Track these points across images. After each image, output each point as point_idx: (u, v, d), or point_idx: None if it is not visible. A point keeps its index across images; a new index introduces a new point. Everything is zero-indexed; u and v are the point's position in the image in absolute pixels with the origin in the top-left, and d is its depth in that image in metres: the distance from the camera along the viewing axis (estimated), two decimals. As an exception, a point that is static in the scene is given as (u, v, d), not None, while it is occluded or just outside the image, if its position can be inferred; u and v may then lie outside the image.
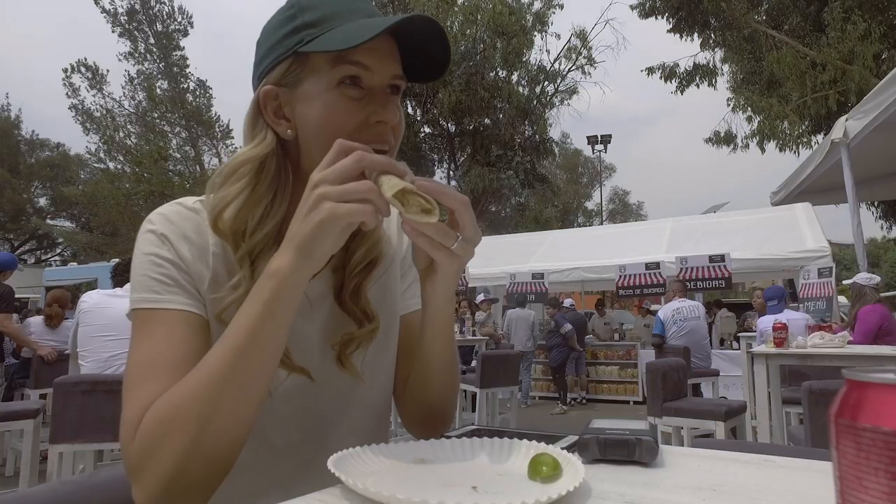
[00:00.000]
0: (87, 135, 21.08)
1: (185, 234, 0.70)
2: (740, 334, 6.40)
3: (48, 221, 29.47)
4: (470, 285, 9.34)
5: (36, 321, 5.08)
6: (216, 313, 0.68)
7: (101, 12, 20.93)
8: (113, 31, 21.33)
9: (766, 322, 4.57)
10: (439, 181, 0.63)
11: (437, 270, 0.68)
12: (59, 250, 30.95)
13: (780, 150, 12.21)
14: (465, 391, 5.74)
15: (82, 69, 21.13)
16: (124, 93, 21.30)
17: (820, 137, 12.76)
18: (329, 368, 0.76)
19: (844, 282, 5.26)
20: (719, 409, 3.25)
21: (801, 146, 12.05)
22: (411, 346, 0.83)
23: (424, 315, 0.75)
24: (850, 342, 3.12)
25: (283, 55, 0.68)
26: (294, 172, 0.73)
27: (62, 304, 5.01)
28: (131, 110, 21.37)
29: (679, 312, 5.73)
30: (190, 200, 0.74)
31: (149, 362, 0.64)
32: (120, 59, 21.28)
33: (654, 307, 11.13)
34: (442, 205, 0.62)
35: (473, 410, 5.44)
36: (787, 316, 4.38)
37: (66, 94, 20.91)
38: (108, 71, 21.30)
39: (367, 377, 0.79)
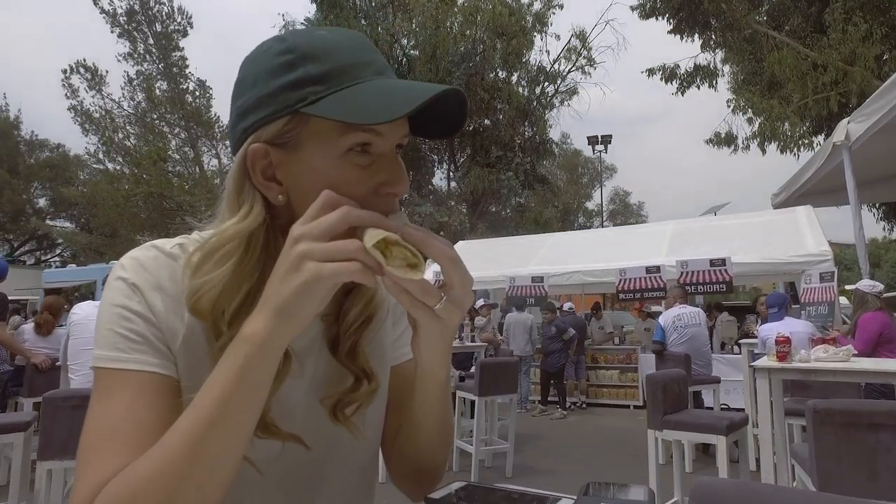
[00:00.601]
0: (86, 136, 21.06)
1: (160, 284, 0.63)
2: (742, 341, 6.35)
3: (48, 222, 29.45)
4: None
5: (29, 328, 5.04)
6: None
7: (101, 13, 20.91)
8: (112, 32, 21.32)
9: (767, 330, 4.52)
10: (429, 231, 0.56)
11: (419, 332, 0.63)
12: (58, 251, 30.96)
13: (781, 151, 12.16)
14: (463, 399, 5.70)
15: (81, 70, 21.09)
16: (123, 93, 21.29)
17: (821, 138, 12.71)
18: (315, 423, 0.71)
19: (847, 287, 5.22)
20: (721, 422, 3.19)
21: (801, 148, 12.00)
22: (401, 398, 0.78)
23: (416, 375, 0.70)
24: (854, 355, 3.06)
25: (279, 111, 0.60)
26: (273, 245, 0.64)
27: (53, 311, 4.95)
28: (130, 111, 21.33)
29: (680, 319, 5.68)
30: (168, 244, 0.66)
31: (107, 432, 0.57)
32: (119, 60, 21.26)
33: (654, 308, 11.09)
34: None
35: (472, 417, 5.39)
36: (789, 325, 4.33)
37: (66, 94, 20.89)
38: (107, 72, 21.28)
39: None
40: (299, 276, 0.51)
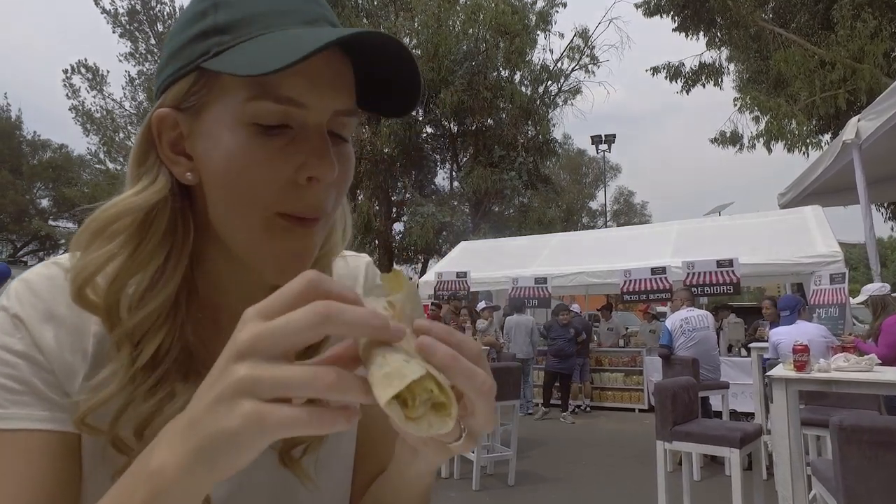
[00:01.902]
0: (87, 136, 21.05)
1: (54, 313, 0.50)
2: (751, 345, 6.19)
3: (50, 223, 29.45)
4: (472, 290, 9.16)
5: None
6: (76, 419, 0.47)
7: (102, 13, 20.88)
8: (114, 32, 21.29)
9: (779, 334, 4.37)
10: (455, 332, 0.38)
11: (417, 453, 0.47)
12: (61, 251, 30.85)
13: (788, 150, 12.00)
14: (465, 404, 5.56)
15: (82, 70, 21.10)
16: (125, 93, 21.29)
17: (828, 137, 12.55)
18: (264, 470, 0.57)
19: (856, 300, 5.11)
20: (733, 434, 3.04)
21: (809, 147, 11.84)
22: (372, 447, 0.64)
23: (391, 471, 0.56)
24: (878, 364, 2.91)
25: (184, 67, 0.49)
26: (198, 227, 0.52)
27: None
28: (132, 111, 21.30)
29: (687, 322, 5.53)
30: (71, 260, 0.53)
31: None
32: (120, 60, 21.25)
33: (660, 309, 10.93)
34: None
35: (474, 422, 5.26)
36: (802, 330, 4.17)
37: (67, 95, 20.88)
38: (108, 72, 21.29)
39: (317, 481, 0.59)
40: (230, 420, 0.33)
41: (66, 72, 20.98)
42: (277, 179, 0.47)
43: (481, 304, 7.98)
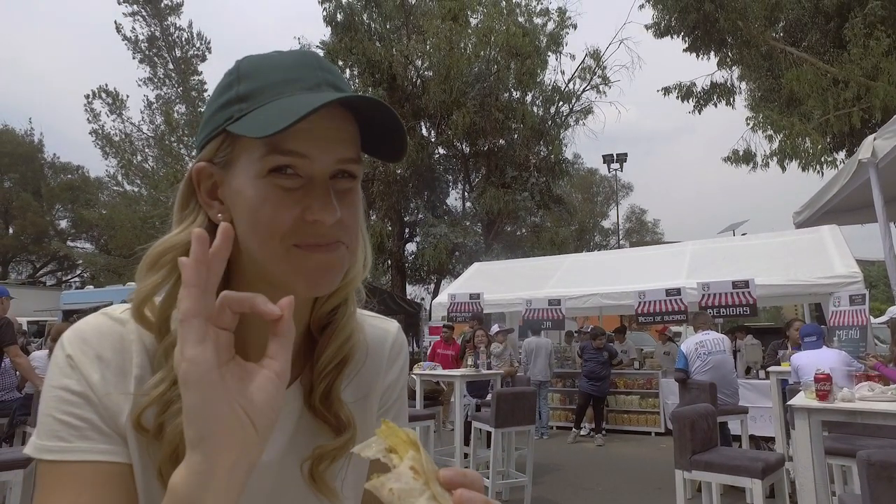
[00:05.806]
0: (105, 158, 21.48)
1: (101, 355, 0.57)
2: (771, 369, 6.07)
3: (68, 243, 29.92)
4: (485, 311, 9.11)
5: (41, 355, 4.98)
6: (132, 417, 0.55)
7: (123, 39, 21.45)
8: (133, 58, 21.84)
9: (802, 359, 4.28)
10: (470, 474, 0.43)
11: None
12: (78, 272, 31.37)
13: (803, 169, 11.89)
14: (479, 429, 5.50)
15: (103, 95, 21.61)
16: (143, 117, 21.75)
17: (842, 155, 12.43)
18: (289, 498, 0.63)
19: (878, 320, 5.00)
20: (755, 464, 2.96)
21: (824, 165, 11.74)
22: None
23: None
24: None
25: (214, 130, 0.59)
26: (231, 259, 0.59)
27: (64, 340, 4.89)
28: (149, 134, 21.74)
29: (703, 346, 5.44)
30: (118, 309, 0.61)
31: None
32: (139, 85, 21.78)
33: (675, 329, 10.78)
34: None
35: (488, 446, 5.21)
36: (824, 356, 4.08)
37: (87, 119, 21.38)
38: (127, 97, 21.78)
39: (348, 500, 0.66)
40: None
41: (87, 97, 21.52)
42: (288, 218, 0.55)
43: (494, 328, 7.92)
